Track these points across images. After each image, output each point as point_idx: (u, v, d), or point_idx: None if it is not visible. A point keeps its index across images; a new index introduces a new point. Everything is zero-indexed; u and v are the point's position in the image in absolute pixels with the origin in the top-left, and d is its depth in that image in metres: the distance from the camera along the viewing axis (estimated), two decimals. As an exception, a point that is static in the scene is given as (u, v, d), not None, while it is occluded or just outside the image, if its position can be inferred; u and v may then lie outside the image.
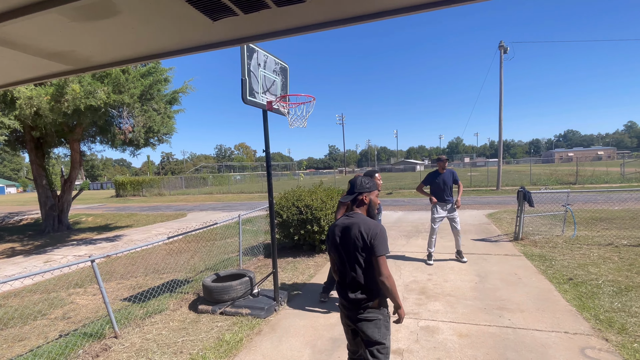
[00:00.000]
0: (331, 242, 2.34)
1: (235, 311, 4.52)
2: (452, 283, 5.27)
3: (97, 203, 30.10)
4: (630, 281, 4.94)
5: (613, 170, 26.42)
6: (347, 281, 2.27)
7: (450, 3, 1.32)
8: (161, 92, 11.42)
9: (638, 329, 3.61)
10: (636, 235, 7.45)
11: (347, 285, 2.26)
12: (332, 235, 2.34)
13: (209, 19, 1.35)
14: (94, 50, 1.62)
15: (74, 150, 12.69)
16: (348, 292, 2.24)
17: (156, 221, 15.62)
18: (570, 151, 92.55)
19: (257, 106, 4.30)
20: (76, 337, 4.10)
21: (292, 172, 64.16)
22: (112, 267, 7.74)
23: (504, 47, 20.15)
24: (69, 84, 8.45)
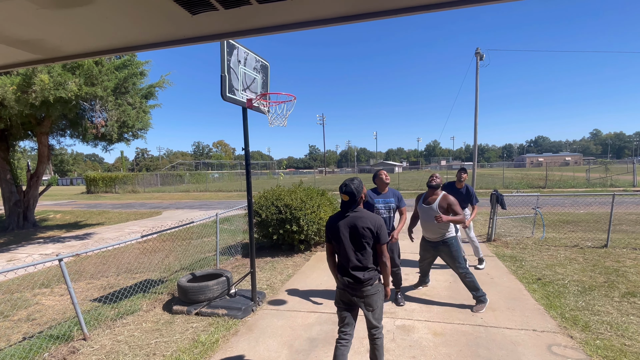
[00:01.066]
0: (337, 233, 2.76)
1: (212, 312, 4.44)
2: (427, 283, 5.37)
3: (67, 199, 28.89)
4: (594, 281, 5.20)
5: (579, 175, 27.73)
6: (350, 265, 2.73)
7: (429, 8, 1.34)
8: (137, 86, 11.08)
9: (600, 327, 3.80)
10: (599, 237, 7.84)
11: (353, 268, 2.72)
12: (338, 227, 2.76)
13: (188, 12, 1.32)
14: (64, 40, 1.54)
15: (41, 144, 12.10)
16: (356, 273, 2.72)
17: (129, 219, 15.14)
18: (540, 156, 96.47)
19: (236, 103, 4.24)
20: (41, 340, 3.91)
21: (272, 171, 63.78)
22: (82, 266, 7.44)
23: (480, 54, 20.77)
24: (37, 74, 8.05)
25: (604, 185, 21.70)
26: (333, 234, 2.80)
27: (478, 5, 1.35)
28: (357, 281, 2.71)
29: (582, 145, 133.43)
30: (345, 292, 2.80)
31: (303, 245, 7.40)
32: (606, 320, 3.94)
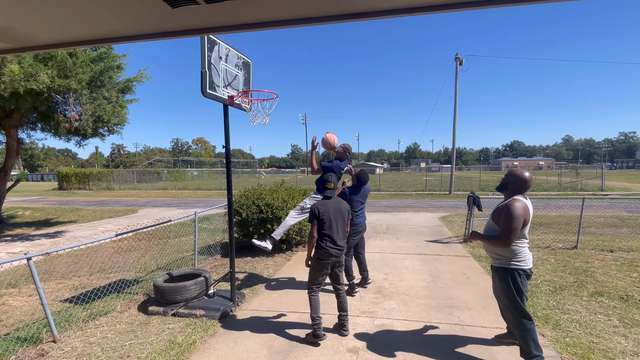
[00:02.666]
0: (328, 213, 3.74)
1: (189, 312, 4.35)
2: (406, 282, 5.45)
3: (37, 196, 27.71)
4: (564, 281, 5.40)
5: (552, 179, 28.82)
6: (336, 237, 3.75)
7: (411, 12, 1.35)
8: (113, 80, 10.74)
9: (570, 325, 3.95)
10: (570, 239, 8.17)
11: (339, 240, 3.77)
12: (328, 210, 3.75)
13: (168, 5, 1.29)
14: (35, 29, 1.47)
15: (10, 137, 11.53)
16: (342, 243, 3.81)
17: (104, 217, 14.67)
18: (515, 160, 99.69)
19: (217, 100, 4.17)
20: (8, 342, 3.73)
21: (253, 170, 63.18)
22: (52, 265, 7.15)
23: (460, 59, 21.25)
24: (7, 64, 7.68)
25: (574, 189, 22.62)
26: (324, 214, 3.71)
27: (458, 11, 1.37)
28: (341, 247, 3.79)
29: (554, 150, 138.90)
30: (330, 260, 3.74)
31: (284, 245, 7.36)
32: (575, 319, 4.10)
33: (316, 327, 3.67)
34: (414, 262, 6.56)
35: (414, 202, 18.22)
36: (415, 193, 22.98)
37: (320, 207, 3.72)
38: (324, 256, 3.71)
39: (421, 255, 7.01)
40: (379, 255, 7.01)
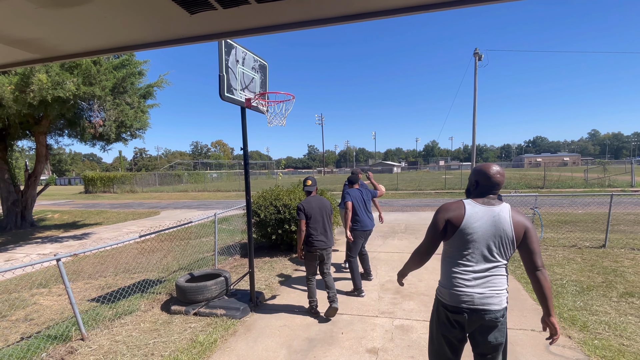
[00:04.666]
0: (314, 210, 4.23)
1: (210, 312, 4.43)
2: (426, 283, 5.38)
3: (65, 199, 28.82)
4: (592, 281, 5.21)
5: (577, 175, 27.80)
6: (321, 231, 4.26)
7: (428, 8, 1.34)
8: (135, 86, 11.05)
9: (598, 327, 3.81)
10: (598, 237, 7.87)
11: (323, 233, 4.27)
12: (313, 207, 4.25)
13: (187, 11, 1.32)
14: (62, 39, 1.54)
15: (39, 144, 12.06)
16: (327, 236, 4.31)
17: (127, 219, 15.11)
18: (538, 157, 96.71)
19: (235, 103, 4.23)
20: (39, 340, 3.90)
21: (271, 171, 63.69)
22: (80, 266, 7.42)
23: (479, 54, 20.81)
24: (35, 73, 8.02)
25: (602, 185, 21.76)
26: (311, 211, 4.22)
27: (476, 5, 1.35)
28: (329, 240, 4.32)
29: (580, 146, 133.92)
30: (317, 251, 4.23)
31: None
32: (604, 320, 3.95)
33: (312, 308, 4.37)
34: (434, 262, 6.41)
35: (432, 201, 17.95)
36: (434, 192, 22.63)
37: (305, 204, 4.24)
38: (311, 248, 4.23)
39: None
40: (398, 255, 6.94)
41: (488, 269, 2.01)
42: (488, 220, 2.00)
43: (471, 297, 1.99)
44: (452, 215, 2.04)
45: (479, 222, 2.00)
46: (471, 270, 2.02)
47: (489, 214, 2.02)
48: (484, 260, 2.01)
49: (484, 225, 2.00)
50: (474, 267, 2.02)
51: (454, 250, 2.08)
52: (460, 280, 2.03)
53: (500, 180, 2.09)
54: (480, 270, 2.01)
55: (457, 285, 2.03)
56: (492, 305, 1.99)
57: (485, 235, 2.00)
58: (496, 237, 2.00)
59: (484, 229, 2.00)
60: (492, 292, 2.00)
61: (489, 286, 2.00)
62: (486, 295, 1.98)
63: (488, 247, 2.00)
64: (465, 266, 2.04)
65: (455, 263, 2.07)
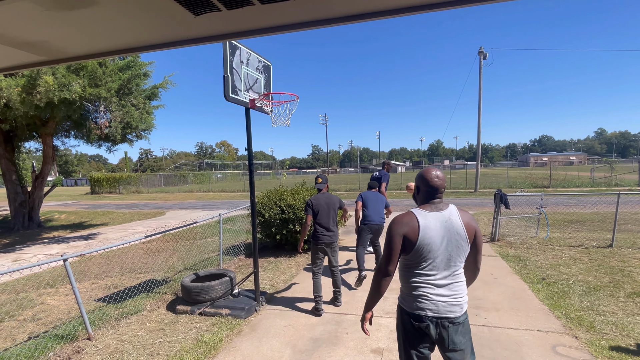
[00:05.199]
0: (321, 207, 4.48)
1: (215, 312, 4.45)
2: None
3: (71, 200, 29.08)
4: (599, 281, 5.16)
5: (584, 174, 27.56)
6: (327, 226, 4.48)
7: (431, 8, 1.34)
8: (140, 87, 11.12)
9: (605, 327, 3.78)
10: (604, 237, 7.79)
11: (329, 228, 4.49)
12: (321, 203, 4.50)
13: (191, 13, 1.33)
14: (68, 41, 1.56)
15: (46, 145, 12.19)
16: (333, 231, 4.53)
17: (133, 219, 15.22)
18: (544, 156, 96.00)
19: (239, 104, 4.25)
20: (46, 339, 3.94)
21: (275, 171, 63.85)
22: (86, 266, 7.48)
23: (484, 53, 20.68)
24: (42, 75, 8.11)
25: (608, 184, 21.55)
26: (318, 206, 4.47)
27: (479, 5, 1.35)
28: (334, 234, 4.52)
29: (586, 145, 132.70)
30: (323, 245, 4.47)
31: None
32: (611, 321, 3.91)
33: (317, 303, 4.43)
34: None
35: (437, 201, 17.86)
36: (438, 192, 22.51)
37: (314, 200, 4.51)
38: (318, 242, 4.45)
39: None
40: (403, 255, 6.92)
41: (449, 275, 2.03)
42: (442, 228, 1.99)
43: (436, 305, 2.00)
44: (407, 230, 2.00)
45: (434, 232, 1.99)
46: (433, 280, 2.02)
47: (441, 221, 2.01)
48: (445, 267, 2.02)
49: (439, 234, 1.99)
50: (436, 275, 2.02)
51: (413, 261, 2.05)
52: (423, 290, 2.02)
53: (438, 184, 2.07)
54: (441, 277, 2.01)
55: (421, 295, 2.02)
56: (455, 312, 2.01)
57: (443, 243, 1.99)
58: (452, 243, 2.00)
59: (440, 237, 1.99)
60: (455, 298, 2.02)
61: (451, 293, 2.02)
62: (450, 303, 2.01)
63: (447, 254, 2.00)
64: (427, 276, 2.02)
65: (416, 273, 2.05)
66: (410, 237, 1.98)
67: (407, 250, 2.02)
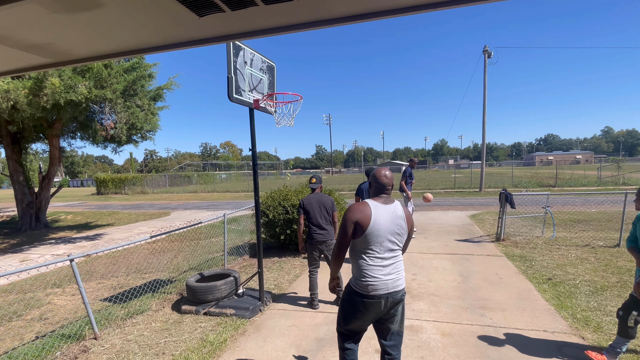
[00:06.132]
0: (312, 206, 4.59)
1: (220, 311, 4.47)
2: (435, 283, 5.34)
3: (77, 201, 29.32)
4: (606, 281, 5.11)
5: (590, 173, 27.30)
6: (319, 225, 4.54)
7: (435, 7, 1.33)
8: (145, 88, 11.19)
9: (613, 327, 3.74)
10: (612, 236, 7.72)
11: (321, 227, 4.55)
12: (312, 203, 4.62)
13: (195, 14, 1.33)
14: (74, 43, 1.57)
15: (53, 146, 12.30)
16: (326, 229, 4.57)
17: (139, 220, 15.32)
18: (550, 155, 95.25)
19: (243, 104, 4.26)
20: (53, 339, 3.98)
21: (279, 172, 63.92)
22: (92, 266, 7.55)
23: (488, 51, 20.57)
24: (48, 77, 8.19)
25: (616, 183, 21.33)
26: (310, 207, 4.58)
27: (485, 3, 1.34)
28: (325, 231, 4.55)
29: (593, 143, 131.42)
30: (317, 243, 4.53)
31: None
32: (619, 321, 3.87)
33: (312, 300, 4.64)
34: (444, 261, 6.42)
35: (442, 200, 17.81)
36: (443, 191, 22.46)
37: (305, 200, 4.64)
38: (312, 240, 4.55)
39: (451, 254, 6.85)
40: (407, 255, 6.90)
41: (392, 257, 2.43)
42: (388, 217, 2.38)
43: (385, 284, 2.36)
44: (360, 217, 2.35)
45: (382, 220, 2.36)
46: (380, 262, 2.38)
47: (388, 212, 2.40)
48: (389, 250, 2.40)
49: (386, 222, 2.37)
50: (383, 257, 2.39)
51: (364, 245, 2.39)
52: (374, 271, 2.37)
53: (386, 182, 2.47)
54: (387, 258, 2.40)
55: (373, 276, 2.36)
56: (400, 286, 2.43)
57: (388, 230, 2.37)
58: (395, 230, 2.40)
59: (387, 225, 2.37)
60: (398, 275, 2.44)
61: (395, 271, 2.42)
62: (395, 279, 2.40)
63: (390, 239, 2.39)
64: (377, 258, 2.38)
65: (367, 257, 2.39)
66: (362, 223, 2.34)
67: (358, 235, 2.37)
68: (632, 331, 3.01)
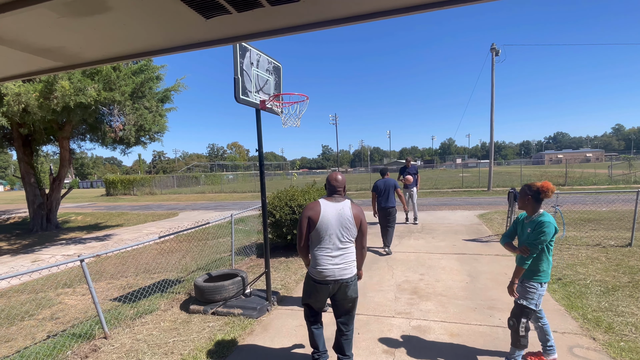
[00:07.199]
0: None
1: (228, 311, 4.50)
2: (443, 283, 5.30)
3: (87, 202, 29.70)
4: (617, 281, 5.03)
5: (601, 172, 26.89)
6: None
7: (441, 5, 1.33)
8: (153, 90, 11.30)
9: (624, 328, 3.68)
10: (623, 235, 7.59)
11: None
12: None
13: (202, 16, 1.34)
14: (83, 47, 1.59)
15: (63, 148, 12.49)
16: None
17: (147, 220, 15.46)
18: (559, 153, 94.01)
19: (250, 105, 4.28)
20: (65, 338, 4.04)
21: (285, 172, 64.08)
22: (102, 266, 7.64)
23: (496, 49, 20.37)
24: (58, 80, 8.31)
25: (627, 182, 20.97)
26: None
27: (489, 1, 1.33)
28: None
29: (603, 141, 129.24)
30: None
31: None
32: (631, 322, 3.81)
33: None
34: (451, 261, 6.37)
35: (449, 199, 17.68)
36: (451, 190, 22.29)
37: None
38: None
39: (459, 254, 6.80)
40: (414, 255, 6.87)
41: (341, 248, 2.80)
42: (336, 214, 2.77)
43: (333, 272, 2.79)
44: (311, 214, 2.79)
45: (330, 216, 2.77)
46: (329, 252, 2.79)
47: (336, 209, 2.79)
48: (338, 242, 2.79)
49: (333, 218, 2.77)
50: (332, 249, 2.79)
51: (316, 238, 2.82)
52: (324, 261, 2.79)
53: (336, 185, 2.90)
54: (336, 249, 2.79)
55: (323, 265, 2.79)
56: (346, 275, 2.82)
57: (335, 225, 2.76)
58: (342, 225, 2.78)
59: (334, 220, 2.76)
60: (347, 265, 2.82)
61: (343, 262, 2.81)
62: (342, 268, 2.80)
63: (338, 234, 2.77)
64: (326, 249, 2.80)
65: (319, 248, 2.82)
66: (313, 218, 2.77)
67: (311, 229, 2.81)
68: (524, 340, 2.95)
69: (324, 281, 2.80)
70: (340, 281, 2.79)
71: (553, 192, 3.01)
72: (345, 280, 2.80)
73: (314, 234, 2.81)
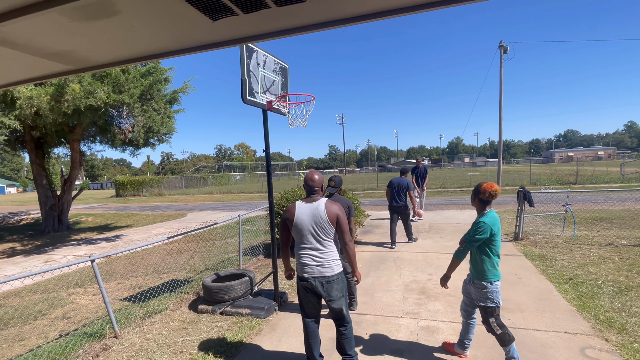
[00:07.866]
0: None
1: (235, 311, 4.52)
2: (451, 283, 5.23)
3: (97, 203, 30.11)
4: (631, 281, 4.94)
5: (613, 170, 26.42)
6: None
7: (448, 3, 1.32)
8: (161, 92, 11.42)
9: (638, 329, 3.61)
10: (636, 235, 7.45)
11: None
12: None
13: (209, 18, 1.36)
14: (93, 50, 1.62)
15: (74, 150, 12.68)
16: None
17: (156, 221, 15.62)
18: (570, 151, 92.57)
19: (257, 106, 4.30)
20: (76, 337, 4.10)
21: (292, 172, 64.17)
22: (112, 267, 7.74)
23: (504, 47, 20.16)
24: (69, 83, 8.45)
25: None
26: None
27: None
28: None
29: (615, 139, 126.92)
30: None
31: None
32: (645, 323, 3.74)
33: None
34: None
35: (458, 199, 17.53)
36: (459, 190, 22.10)
37: None
38: None
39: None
40: (422, 255, 6.83)
41: (319, 247, 2.83)
42: (310, 213, 2.82)
43: (312, 269, 2.84)
44: (288, 215, 2.89)
45: (304, 216, 2.83)
46: (308, 251, 2.85)
47: (310, 208, 2.84)
48: (315, 241, 2.83)
49: (307, 217, 2.82)
50: (310, 247, 2.84)
51: (297, 239, 2.90)
52: (304, 259, 2.87)
53: (313, 184, 2.94)
54: (314, 248, 2.83)
55: (303, 263, 2.87)
56: (326, 272, 2.83)
57: (309, 224, 2.81)
58: (317, 224, 2.80)
59: (307, 220, 2.82)
60: (328, 263, 2.83)
61: (322, 259, 2.83)
62: (321, 265, 2.82)
63: (313, 232, 2.81)
64: (305, 248, 2.87)
65: (299, 248, 2.90)
66: (289, 219, 2.88)
67: (289, 229, 2.92)
68: (506, 335, 2.98)
69: (306, 279, 2.86)
70: (320, 279, 2.82)
71: (493, 192, 2.96)
72: (327, 278, 2.83)
73: (294, 235, 2.91)
